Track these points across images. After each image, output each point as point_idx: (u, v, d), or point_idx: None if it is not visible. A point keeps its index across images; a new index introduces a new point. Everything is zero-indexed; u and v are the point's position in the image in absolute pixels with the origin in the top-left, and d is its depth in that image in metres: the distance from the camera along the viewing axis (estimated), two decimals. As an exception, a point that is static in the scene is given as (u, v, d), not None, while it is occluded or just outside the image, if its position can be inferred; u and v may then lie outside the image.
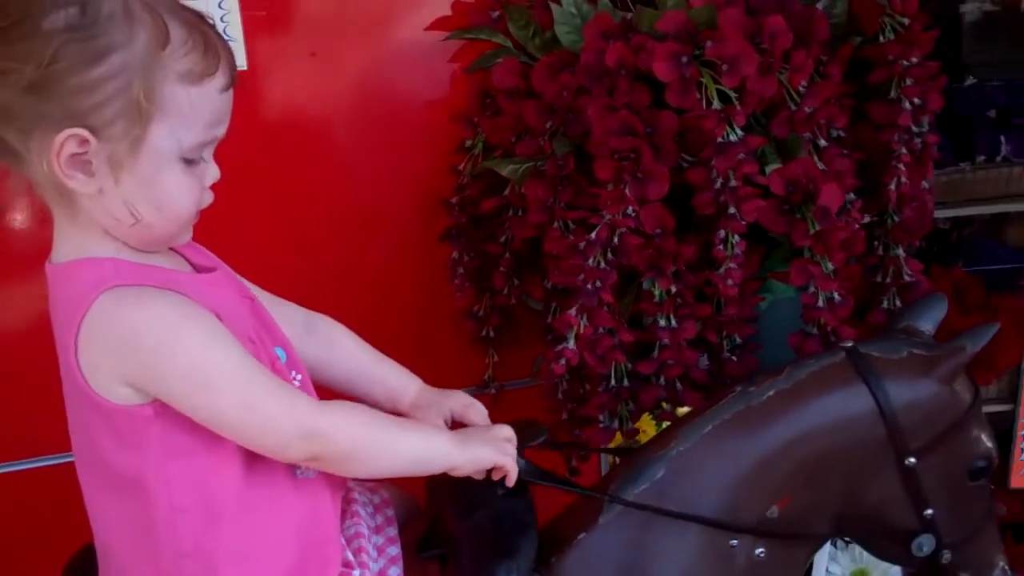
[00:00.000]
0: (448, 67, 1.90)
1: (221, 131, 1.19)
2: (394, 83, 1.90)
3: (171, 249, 1.27)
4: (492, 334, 1.94)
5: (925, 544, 1.46)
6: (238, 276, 1.33)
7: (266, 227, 1.83)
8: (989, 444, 1.48)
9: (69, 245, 1.19)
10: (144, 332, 1.14)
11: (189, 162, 1.17)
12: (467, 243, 1.88)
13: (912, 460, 1.42)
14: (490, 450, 1.33)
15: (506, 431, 1.38)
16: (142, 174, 1.14)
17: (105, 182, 1.14)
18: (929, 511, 1.44)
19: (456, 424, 1.45)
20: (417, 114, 1.92)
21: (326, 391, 1.38)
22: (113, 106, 1.11)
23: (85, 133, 1.11)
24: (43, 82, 1.09)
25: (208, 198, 1.22)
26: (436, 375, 1.96)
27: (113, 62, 1.10)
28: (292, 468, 1.26)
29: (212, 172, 1.21)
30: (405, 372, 1.49)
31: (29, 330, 1.80)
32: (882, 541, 1.49)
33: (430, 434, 1.33)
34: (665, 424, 1.69)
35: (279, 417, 1.19)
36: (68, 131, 1.11)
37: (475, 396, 1.94)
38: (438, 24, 1.88)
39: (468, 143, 1.86)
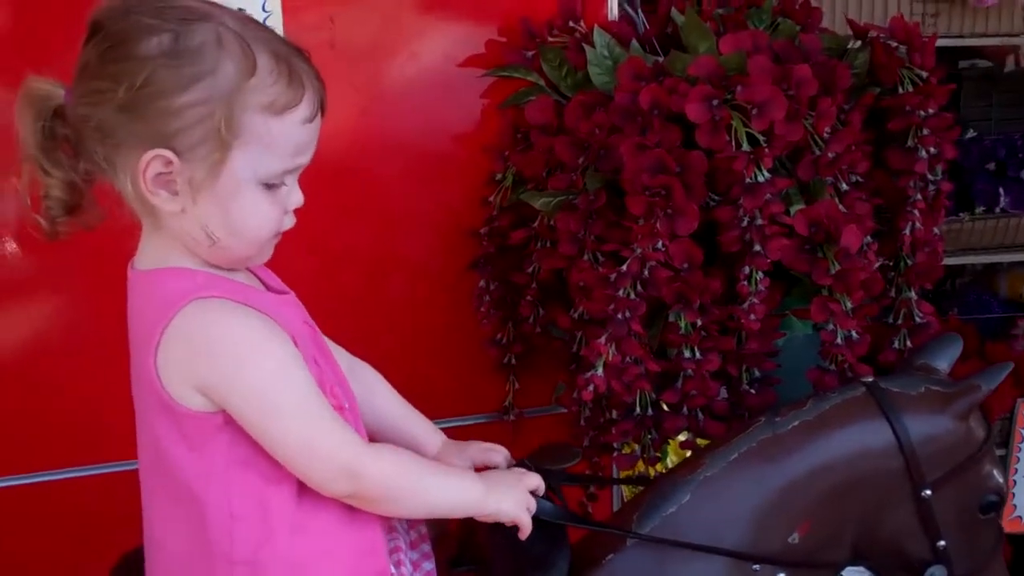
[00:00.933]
0: (479, 102, 1.96)
1: (305, 160, 1.24)
2: (428, 116, 1.96)
3: (247, 270, 1.32)
4: (514, 361, 1.99)
5: (937, 574, 1.51)
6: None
7: (298, 253, 1.86)
8: (1000, 479, 1.54)
9: (156, 254, 1.24)
10: (225, 346, 1.19)
11: (269, 187, 1.21)
12: (494, 272, 1.94)
13: (928, 492, 1.48)
14: (511, 504, 1.36)
15: (532, 481, 1.41)
16: (219, 197, 1.19)
17: (186, 202, 1.19)
18: (942, 542, 1.49)
19: (480, 468, 1.49)
20: (449, 147, 1.97)
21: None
22: (197, 132, 1.16)
23: (170, 154, 1.16)
24: (134, 103, 1.15)
25: (289, 222, 1.27)
26: (458, 400, 2.03)
27: (199, 90, 1.16)
28: None
29: (295, 197, 1.26)
30: (431, 427, 1.54)
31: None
32: (896, 570, 1.54)
33: (465, 485, 1.36)
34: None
35: (331, 454, 1.24)
36: (154, 151, 1.16)
37: (495, 422, 2.02)
38: (472, 61, 1.95)
39: (498, 176, 1.92)
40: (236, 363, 1.19)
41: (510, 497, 1.36)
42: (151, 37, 1.15)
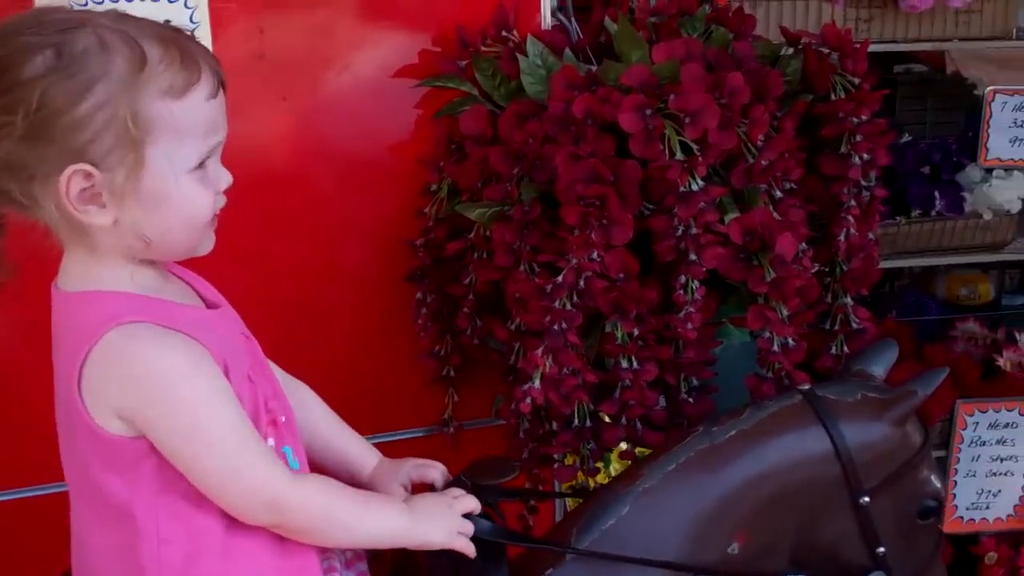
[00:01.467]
0: (414, 112, 1.94)
1: (219, 138, 1.22)
2: (361, 127, 1.93)
3: (182, 280, 1.29)
4: (452, 373, 1.97)
5: (877, 581, 1.52)
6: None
7: (230, 266, 1.83)
8: (938, 484, 1.55)
9: (83, 275, 1.21)
10: (147, 377, 1.16)
11: (193, 174, 1.19)
12: (431, 284, 1.92)
13: (866, 499, 1.48)
14: (442, 533, 1.35)
15: (467, 504, 1.39)
16: (146, 197, 1.17)
17: (116, 211, 1.16)
18: (881, 549, 1.50)
19: (417, 485, 1.49)
20: (383, 158, 1.95)
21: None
22: (107, 137, 1.13)
23: (88, 167, 1.14)
24: (36, 128, 1.12)
25: (220, 202, 1.24)
26: (396, 414, 2.01)
27: (96, 95, 1.13)
28: None
29: (224, 178, 1.24)
30: (366, 446, 1.52)
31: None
32: (835, 577, 1.55)
33: (392, 517, 1.34)
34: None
35: (254, 488, 1.23)
36: (71, 168, 1.13)
37: (434, 435, 2.00)
38: (405, 71, 1.92)
39: (433, 187, 1.90)
40: (158, 395, 1.17)
41: (439, 527, 1.35)
42: (33, 57, 1.12)
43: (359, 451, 1.50)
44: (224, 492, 1.22)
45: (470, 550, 1.36)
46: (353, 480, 1.46)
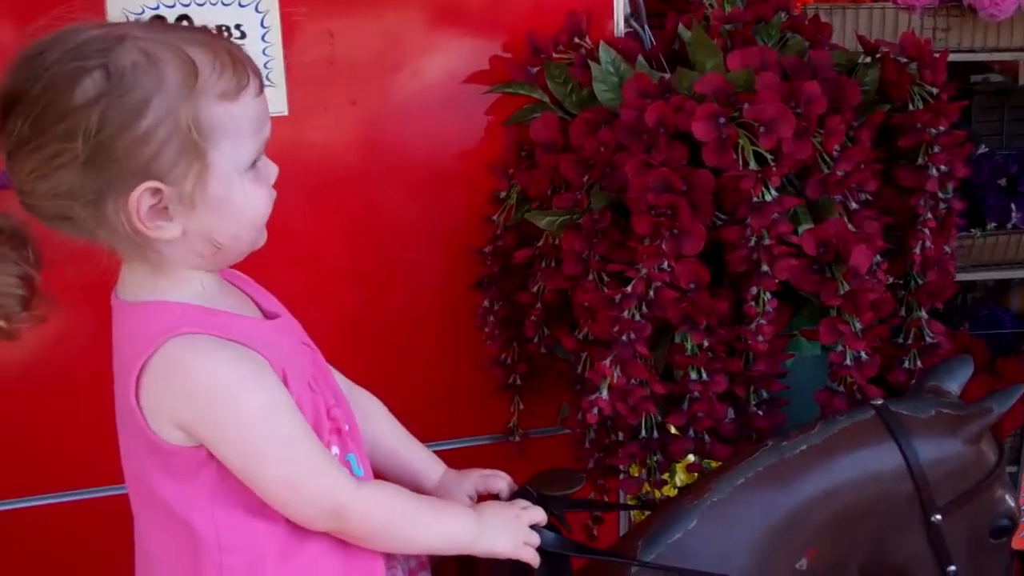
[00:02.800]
0: (483, 119, 1.93)
1: (267, 131, 1.22)
2: (430, 133, 1.93)
3: (240, 290, 1.29)
4: (518, 382, 1.96)
5: (948, 600, 1.49)
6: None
7: (297, 271, 1.85)
8: (1012, 503, 1.51)
9: (143, 285, 1.21)
10: (207, 387, 1.16)
11: (250, 172, 1.19)
12: (498, 292, 1.91)
13: (938, 517, 1.45)
14: (508, 542, 1.34)
15: (533, 516, 1.37)
16: (213, 203, 1.17)
17: (185, 223, 1.16)
18: (952, 567, 1.47)
19: (482, 495, 1.48)
20: (452, 164, 1.94)
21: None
22: (170, 150, 1.13)
23: (155, 184, 1.13)
24: (98, 152, 1.11)
25: (273, 195, 1.24)
26: (461, 421, 2.00)
27: (156, 109, 1.12)
28: None
29: (273, 171, 1.23)
30: (431, 456, 1.51)
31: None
32: (905, 597, 1.52)
33: (458, 525, 1.33)
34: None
35: (315, 496, 1.22)
36: (140, 187, 1.13)
37: (499, 443, 1.99)
38: (475, 77, 1.92)
39: (502, 194, 1.89)
40: (216, 407, 1.16)
41: (505, 536, 1.34)
42: (82, 80, 1.10)
43: (424, 461, 1.49)
44: (285, 501, 1.21)
45: (536, 561, 1.35)
46: (418, 491, 1.45)
